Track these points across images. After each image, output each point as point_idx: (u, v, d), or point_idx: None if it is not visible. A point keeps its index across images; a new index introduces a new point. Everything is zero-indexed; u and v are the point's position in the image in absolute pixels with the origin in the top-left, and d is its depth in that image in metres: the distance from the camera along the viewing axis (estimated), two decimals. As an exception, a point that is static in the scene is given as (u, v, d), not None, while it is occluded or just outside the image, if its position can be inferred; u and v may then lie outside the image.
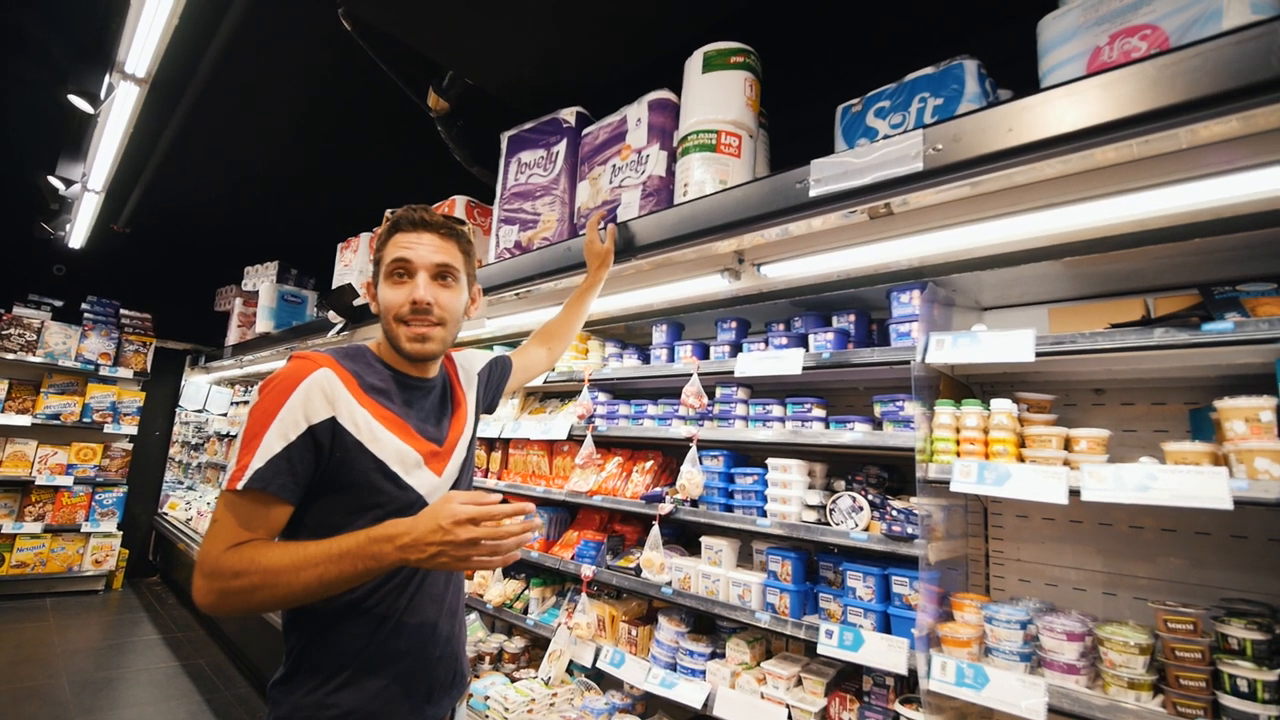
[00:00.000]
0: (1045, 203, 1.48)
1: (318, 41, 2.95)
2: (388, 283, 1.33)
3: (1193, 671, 1.40)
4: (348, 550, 1.08)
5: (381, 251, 1.36)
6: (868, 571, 1.94)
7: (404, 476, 1.26)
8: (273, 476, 1.12)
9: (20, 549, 5.75)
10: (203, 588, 1.08)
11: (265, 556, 1.08)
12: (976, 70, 1.79)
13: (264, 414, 1.14)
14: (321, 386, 1.18)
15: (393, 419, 1.28)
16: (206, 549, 1.10)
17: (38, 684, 4.03)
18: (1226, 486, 1.30)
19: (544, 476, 3.18)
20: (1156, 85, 1.14)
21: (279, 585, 1.06)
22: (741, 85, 2.11)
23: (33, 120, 4.25)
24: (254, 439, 1.12)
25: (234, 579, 1.06)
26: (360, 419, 1.21)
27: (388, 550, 1.09)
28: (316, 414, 1.16)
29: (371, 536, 1.10)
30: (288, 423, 1.14)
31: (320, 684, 1.21)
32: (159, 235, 6.17)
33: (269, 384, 1.17)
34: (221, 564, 1.07)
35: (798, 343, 2.22)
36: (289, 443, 1.13)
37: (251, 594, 1.06)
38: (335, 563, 1.08)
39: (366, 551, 1.08)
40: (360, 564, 1.08)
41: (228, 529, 1.11)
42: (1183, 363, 1.69)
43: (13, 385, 5.94)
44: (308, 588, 1.07)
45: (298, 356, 1.22)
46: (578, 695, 2.66)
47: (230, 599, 1.07)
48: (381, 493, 1.23)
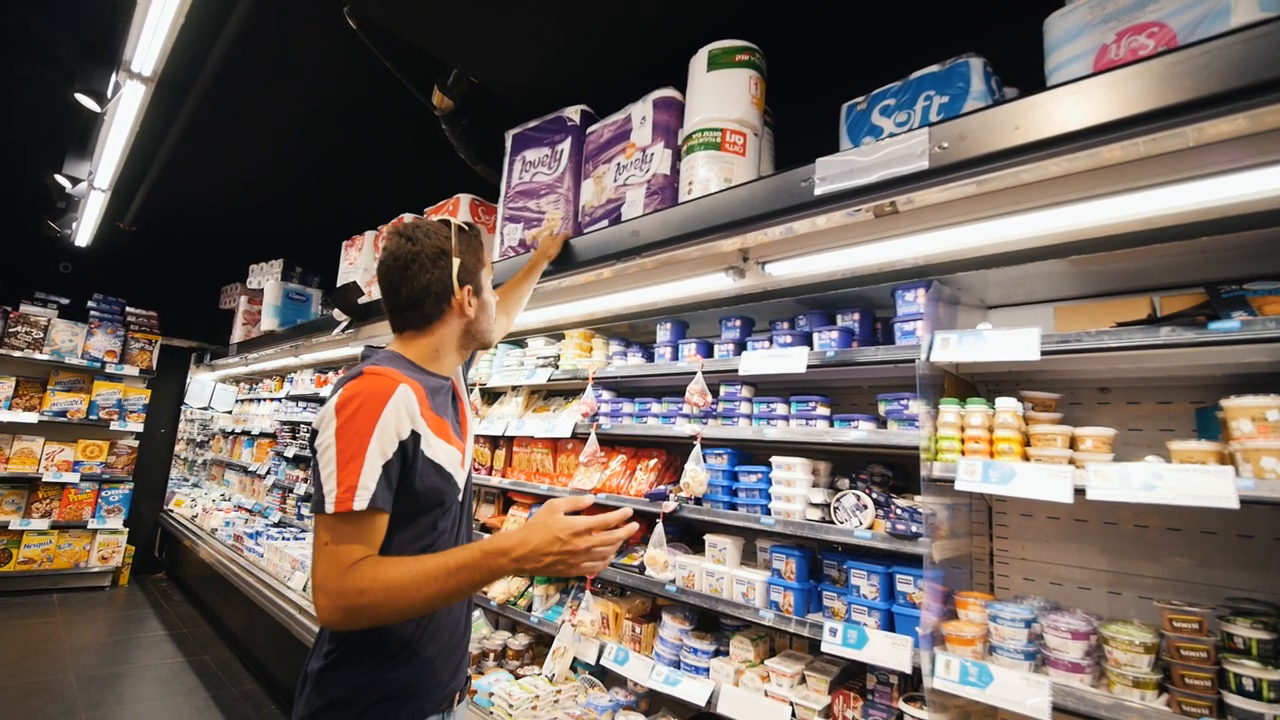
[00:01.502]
0: (1051, 201, 1.47)
1: (323, 40, 2.96)
2: (489, 285, 1.53)
3: (1198, 670, 1.40)
4: (464, 564, 1.15)
5: (482, 260, 1.50)
6: (872, 570, 1.94)
7: (455, 475, 1.36)
8: (381, 494, 1.18)
9: (28, 545, 5.80)
10: (329, 607, 1.13)
11: (386, 574, 1.14)
12: (982, 68, 1.79)
13: (358, 434, 1.17)
14: (406, 402, 1.24)
15: (440, 423, 1.35)
16: (325, 571, 1.14)
17: (45, 679, 4.06)
18: (1233, 486, 1.30)
19: (548, 474, 3.18)
20: (1164, 83, 1.14)
21: (403, 599, 1.13)
22: (746, 84, 2.11)
23: (40, 119, 4.28)
24: (355, 458, 1.16)
25: (359, 597, 1.11)
26: (424, 428, 1.28)
27: (504, 563, 1.16)
28: (405, 429, 1.23)
29: (485, 550, 1.17)
30: (385, 440, 1.19)
31: (379, 664, 1.29)
32: (165, 233, 6.19)
33: (355, 401, 1.20)
34: (346, 584, 1.12)
35: (802, 341, 2.22)
36: (387, 459, 1.19)
37: (377, 609, 1.13)
38: (453, 576, 1.14)
39: (484, 565, 1.16)
40: (478, 576, 1.16)
41: (344, 549, 1.15)
42: (1189, 361, 1.68)
43: (20, 383, 5.98)
44: (430, 601, 1.14)
45: (374, 373, 1.25)
46: (581, 692, 2.67)
47: (356, 615, 1.13)
48: (442, 493, 1.33)
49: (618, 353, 3.03)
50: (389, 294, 1.43)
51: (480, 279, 1.49)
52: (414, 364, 1.42)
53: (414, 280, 1.40)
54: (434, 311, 1.43)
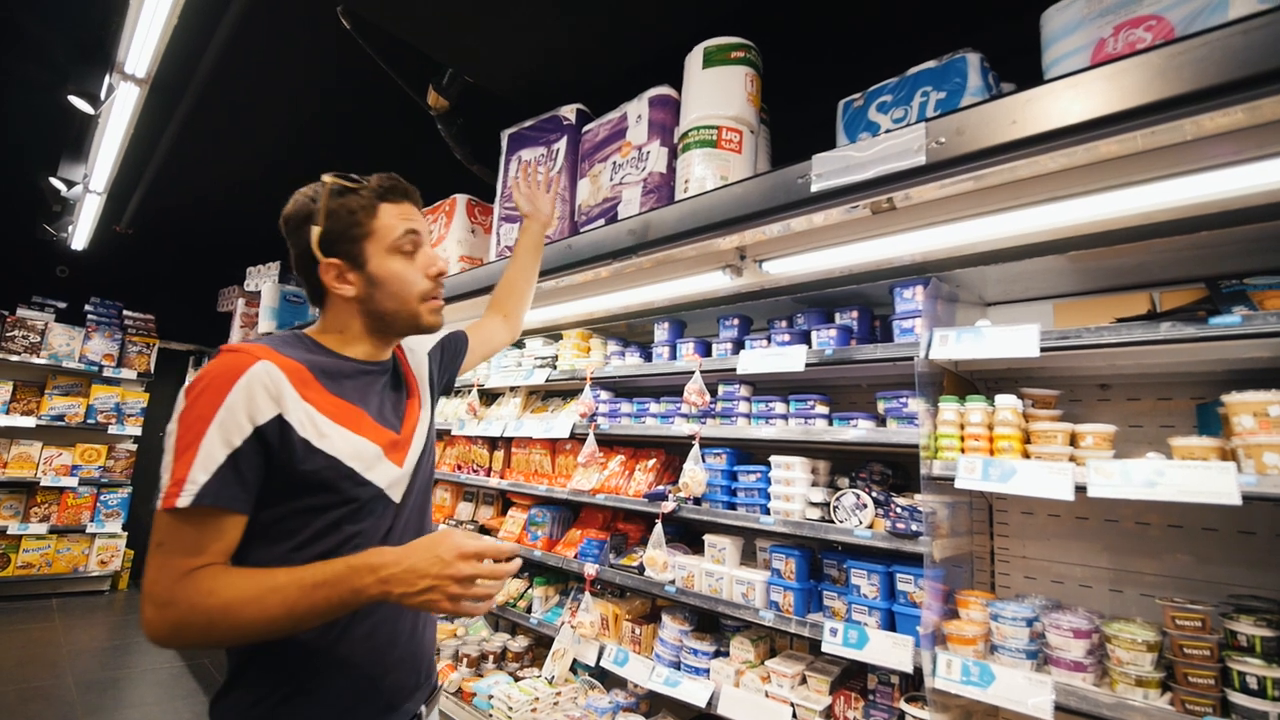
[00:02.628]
0: (1049, 196, 1.46)
1: (317, 40, 2.95)
2: (398, 257, 1.22)
3: (1201, 669, 1.39)
4: (323, 580, 0.97)
5: (371, 223, 1.20)
6: (872, 569, 1.93)
7: (362, 472, 1.13)
8: (221, 489, 0.98)
9: (26, 550, 5.77)
10: (155, 620, 0.96)
11: (227, 586, 0.96)
12: (979, 63, 1.78)
13: (199, 418, 0.99)
14: (263, 381, 1.03)
15: (346, 410, 1.15)
16: (155, 576, 0.97)
17: (44, 684, 4.04)
18: (1234, 482, 1.29)
19: (546, 475, 3.17)
20: (1162, 76, 1.13)
21: (242, 618, 0.95)
22: (742, 80, 2.10)
23: (34, 121, 4.26)
24: (190, 448, 0.98)
25: (189, 612, 0.95)
26: (306, 415, 1.08)
27: (368, 583, 0.98)
28: (262, 413, 1.02)
29: (352, 566, 0.99)
30: (230, 426, 0.99)
31: (263, 697, 1.08)
32: (161, 236, 6.18)
33: (200, 383, 1.02)
34: (176, 594, 0.95)
35: (800, 339, 2.21)
36: (234, 448, 0.99)
37: (210, 628, 0.95)
38: (307, 594, 0.96)
39: (345, 583, 0.97)
40: (336, 596, 0.97)
41: (180, 552, 0.98)
42: (1189, 357, 1.67)
43: (17, 387, 5.96)
44: (274, 622, 0.96)
45: (229, 349, 1.06)
46: (581, 694, 2.65)
47: (186, 632, 0.96)
48: (338, 492, 1.10)
49: (615, 352, 3.02)
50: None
51: (364, 250, 1.20)
52: (318, 343, 1.22)
53: (294, 248, 1.22)
54: (315, 287, 1.23)
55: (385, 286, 1.22)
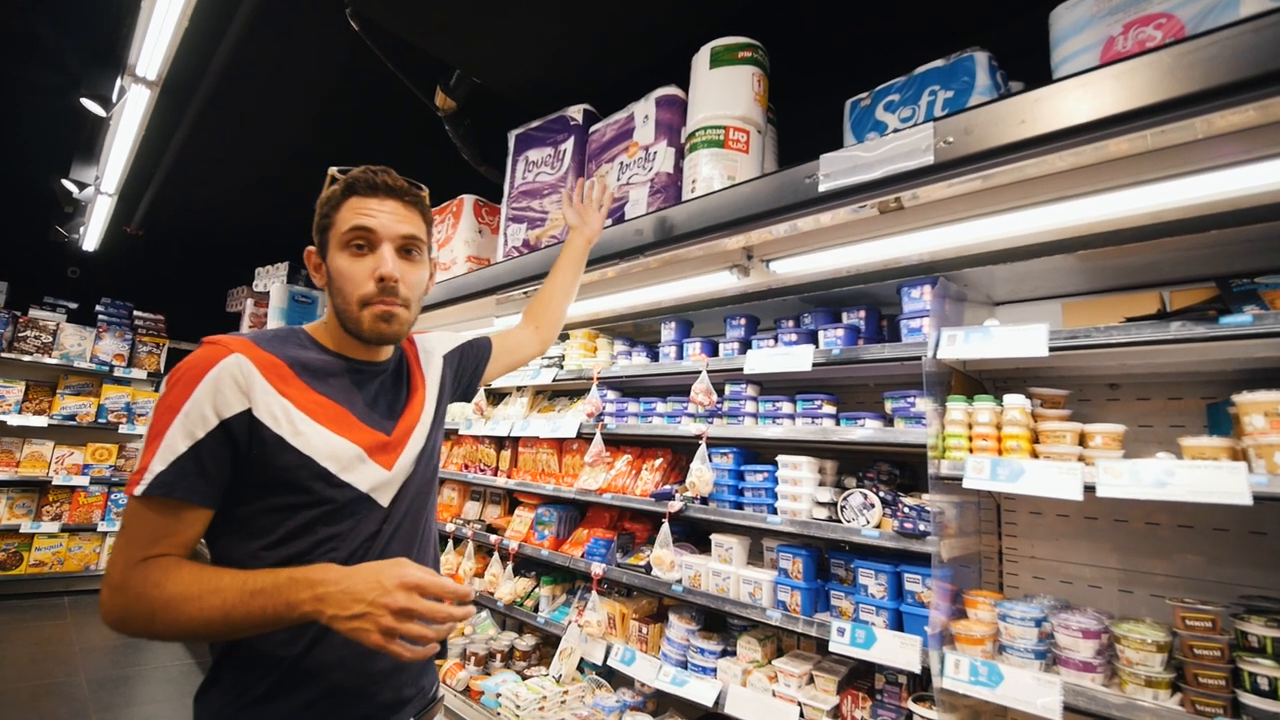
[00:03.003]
0: (1058, 195, 1.46)
1: (325, 42, 2.97)
2: (345, 254, 1.15)
3: (1212, 669, 1.38)
4: (262, 588, 0.94)
5: (333, 216, 1.16)
6: (879, 569, 1.93)
7: (338, 473, 1.10)
8: (177, 481, 0.98)
9: (38, 548, 5.84)
10: (107, 601, 0.97)
11: (173, 581, 0.96)
12: (988, 62, 1.77)
13: (168, 409, 0.99)
14: (233, 375, 1.02)
15: (328, 408, 1.12)
16: (113, 559, 0.98)
17: (56, 681, 4.09)
18: (1245, 482, 1.28)
19: (553, 475, 3.18)
20: (1172, 74, 1.12)
21: (181, 615, 0.94)
22: (749, 80, 2.10)
23: (47, 124, 4.31)
24: (156, 438, 0.99)
25: (135, 601, 0.95)
26: (280, 410, 1.05)
27: (304, 598, 0.94)
28: (229, 406, 1.01)
29: (293, 578, 0.96)
30: (194, 418, 0.99)
31: (237, 697, 1.07)
32: (171, 237, 6.24)
33: (175, 374, 1.03)
34: (128, 579, 0.96)
35: (807, 339, 2.21)
36: (196, 440, 0.99)
37: (152, 620, 0.94)
38: (244, 600, 0.94)
39: (282, 595, 0.94)
40: (271, 607, 0.94)
41: (137, 540, 0.98)
42: (1200, 357, 1.66)
43: (30, 387, 6.02)
44: (209, 624, 0.94)
45: (208, 341, 1.06)
46: (589, 693, 2.66)
47: (130, 620, 0.96)
48: (310, 492, 1.07)
49: (622, 352, 3.03)
50: None
51: (328, 240, 1.17)
52: (313, 339, 1.20)
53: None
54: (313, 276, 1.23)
55: (334, 283, 1.17)
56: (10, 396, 5.86)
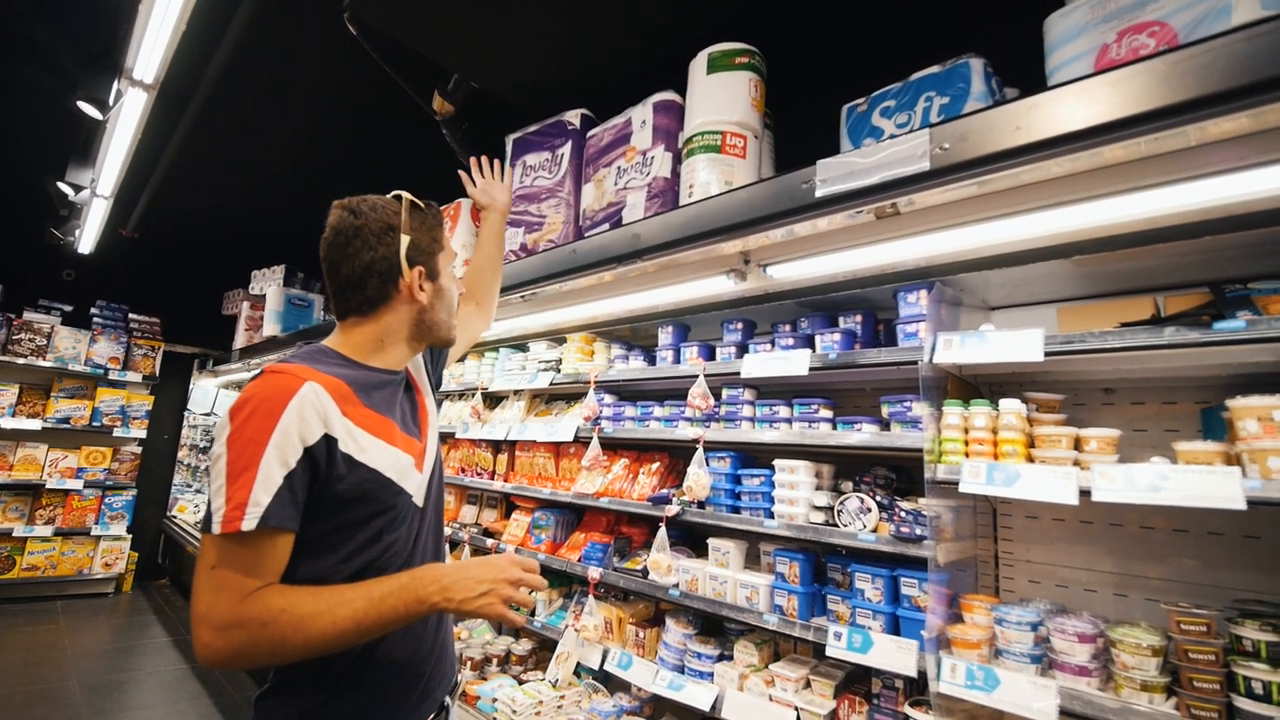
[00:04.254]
0: (1053, 201, 1.47)
1: (323, 46, 2.97)
2: (450, 274, 1.36)
3: (1206, 674, 1.38)
4: (389, 592, 1.05)
5: (439, 241, 1.35)
6: (876, 573, 1.93)
7: (398, 481, 1.19)
8: (280, 510, 1.01)
9: (31, 552, 5.80)
10: (217, 643, 0.97)
11: (297, 604, 1.00)
12: (983, 69, 1.78)
13: (252, 441, 1.01)
14: (312, 403, 1.06)
15: (378, 422, 1.20)
16: (214, 600, 0.98)
17: (49, 686, 4.06)
18: (1239, 486, 1.29)
19: (550, 479, 3.18)
20: (1166, 82, 1.13)
21: (312, 634, 0.99)
22: (746, 86, 2.11)
23: (43, 127, 4.30)
24: (247, 469, 1.00)
25: (261, 630, 0.97)
26: (346, 431, 1.12)
27: (431, 590, 1.07)
28: (312, 434, 1.05)
29: (415, 577, 1.09)
30: (285, 447, 1.02)
31: (316, 693, 1.14)
32: (167, 240, 6.22)
33: (249, 406, 1.04)
34: (242, 615, 0.97)
35: (804, 343, 2.21)
36: (290, 470, 1.02)
37: (281, 644, 0.98)
38: (375, 605, 1.03)
39: (410, 593, 1.06)
40: (403, 605, 1.05)
41: (240, 575, 0.99)
42: (1194, 362, 1.67)
43: (23, 390, 6.00)
44: (343, 635, 1.01)
45: (275, 371, 1.10)
46: (585, 697, 2.65)
47: (252, 651, 0.98)
48: (379, 502, 1.16)
49: (619, 356, 3.03)
50: (330, 274, 1.26)
51: (437, 263, 1.32)
52: (346, 357, 1.25)
53: (356, 258, 1.23)
54: (378, 295, 1.25)
55: (445, 297, 1.35)
56: (4, 399, 5.83)
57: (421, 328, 1.32)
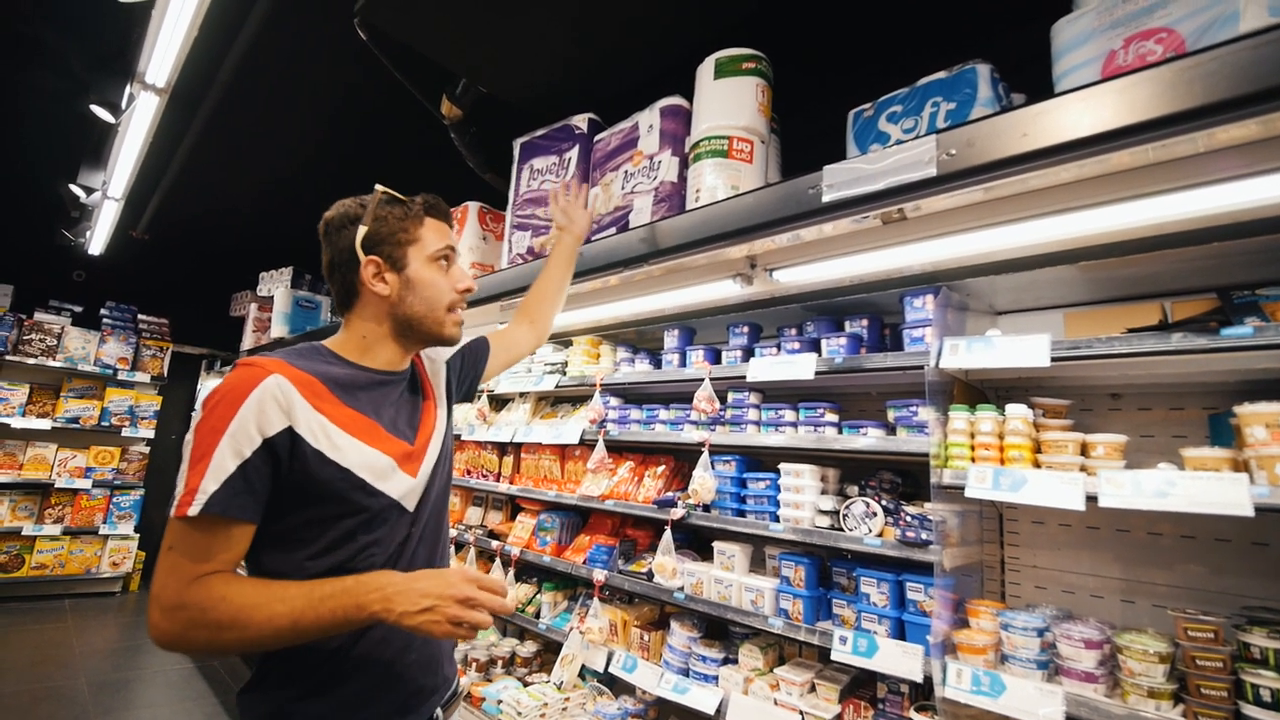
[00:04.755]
0: (1060, 207, 1.47)
1: (333, 51, 2.99)
2: (434, 267, 1.30)
3: (1214, 681, 1.38)
4: (329, 594, 1.02)
5: (416, 232, 1.29)
6: (882, 577, 1.93)
7: (374, 483, 1.17)
8: (230, 499, 1.02)
9: (40, 551, 5.84)
10: (163, 623, 0.99)
11: (237, 593, 1.00)
12: (990, 74, 1.79)
13: (212, 430, 1.03)
14: (274, 395, 1.06)
15: (359, 421, 1.18)
16: (164, 580, 1.00)
17: (57, 684, 4.09)
18: (1247, 493, 1.29)
19: (556, 481, 3.19)
20: (1173, 89, 1.14)
21: (250, 625, 0.98)
22: (753, 91, 2.12)
23: (55, 130, 4.34)
24: (203, 458, 1.01)
25: (200, 614, 0.98)
26: (319, 426, 1.11)
27: (373, 598, 1.02)
28: (272, 425, 1.05)
29: (360, 582, 1.04)
30: (240, 438, 1.03)
31: (283, 694, 1.14)
32: (176, 242, 6.26)
33: (215, 396, 1.06)
34: (185, 598, 0.99)
35: (810, 347, 2.21)
36: (244, 459, 1.03)
37: (219, 632, 0.98)
38: (314, 605, 1.00)
39: (350, 597, 1.02)
40: (341, 610, 1.01)
41: (188, 559, 1.01)
42: (1201, 368, 1.67)
43: (34, 390, 6.05)
44: (279, 632, 0.99)
45: (245, 363, 1.10)
46: (590, 700, 2.66)
47: (193, 636, 0.99)
48: (349, 502, 1.14)
49: (625, 359, 3.04)
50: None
51: (405, 253, 1.27)
52: (338, 355, 1.25)
53: (326, 252, 1.28)
54: (346, 289, 1.28)
55: (419, 290, 1.28)
56: (14, 399, 5.88)
57: (399, 323, 1.29)
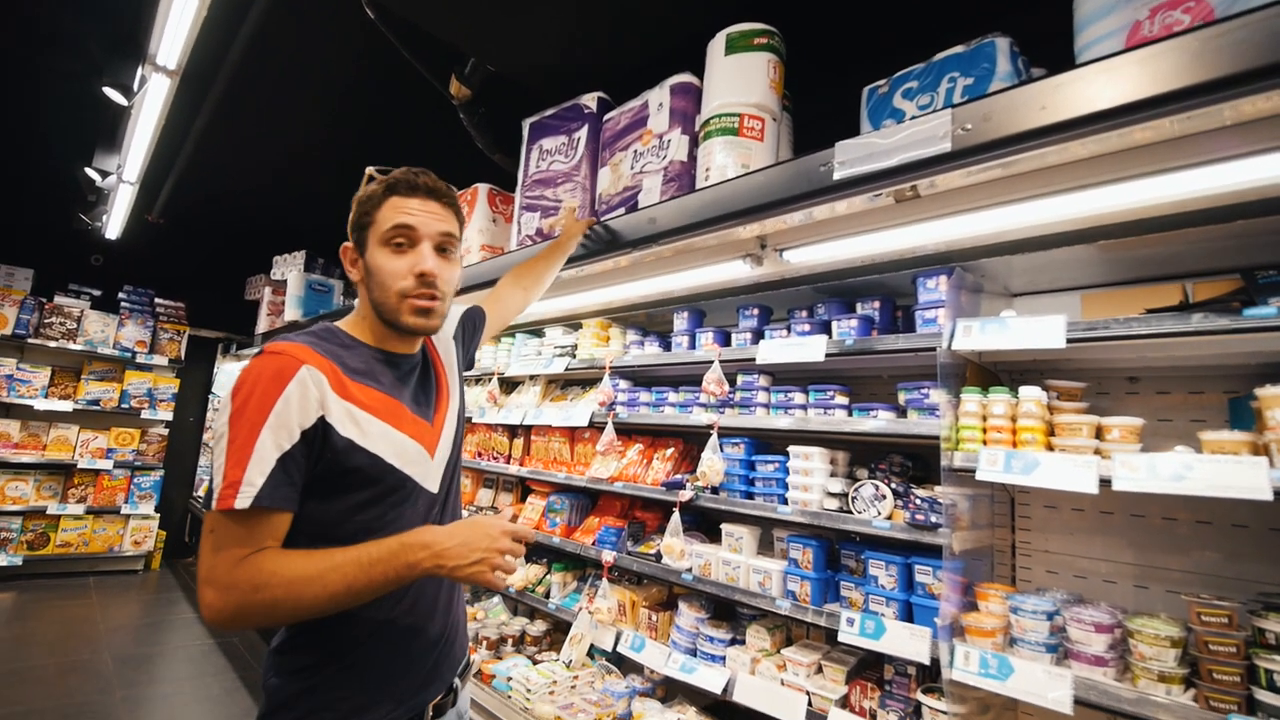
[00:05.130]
0: (1079, 184, 1.43)
1: (342, 31, 2.98)
2: (385, 250, 1.23)
3: (1227, 665, 1.36)
4: (379, 558, 1.05)
5: (375, 214, 1.24)
6: (890, 560, 1.93)
7: (399, 465, 1.19)
8: (274, 490, 1.04)
9: (64, 529, 5.99)
10: (217, 601, 1.00)
11: (288, 567, 1.02)
12: (1009, 48, 1.74)
13: (250, 422, 1.04)
14: (308, 386, 1.08)
15: (383, 403, 1.20)
16: (212, 562, 1.02)
17: (82, 658, 4.21)
18: (1266, 477, 1.26)
19: (565, 463, 3.20)
20: (1199, 59, 1.10)
21: (304, 596, 1.01)
22: (765, 67, 2.08)
23: (70, 113, 4.37)
24: (244, 449, 1.02)
25: (254, 593, 1.00)
26: (347, 414, 1.12)
27: (422, 557, 1.07)
28: (308, 417, 1.07)
29: (405, 543, 1.07)
30: (279, 430, 1.04)
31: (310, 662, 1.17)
32: (191, 226, 6.32)
33: (248, 385, 1.06)
34: (237, 577, 1.01)
35: (820, 329, 2.19)
36: (284, 451, 1.05)
37: (274, 607, 1.01)
38: (365, 570, 1.04)
39: (400, 559, 1.06)
40: (393, 571, 1.05)
41: (234, 544, 1.03)
42: (1222, 349, 1.63)
43: (55, 372, 6.16)
44: (334, 598, 1.03)
45: (273, 351, 1.10)
46: (598, 678, 2.69)
47: (249, 612, 1.01)
48: (379, 484, 1.17)
49: (635, 342, 3.03)
50: None
51: (366, 238, 1.25)
52: (353, 337, 1.26)
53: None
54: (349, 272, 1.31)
55: (373, 277, 1.25)
56: (37, 381, 6.00)
57: (375, 308, 1.26)
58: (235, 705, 3.75)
